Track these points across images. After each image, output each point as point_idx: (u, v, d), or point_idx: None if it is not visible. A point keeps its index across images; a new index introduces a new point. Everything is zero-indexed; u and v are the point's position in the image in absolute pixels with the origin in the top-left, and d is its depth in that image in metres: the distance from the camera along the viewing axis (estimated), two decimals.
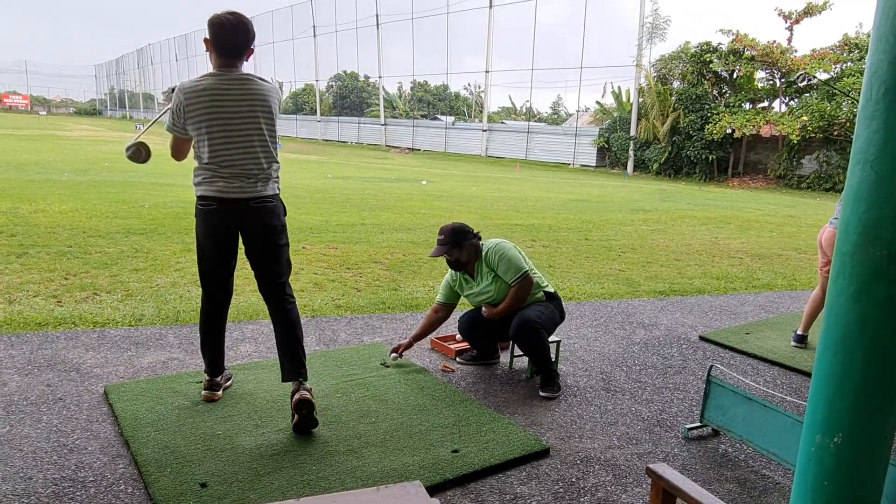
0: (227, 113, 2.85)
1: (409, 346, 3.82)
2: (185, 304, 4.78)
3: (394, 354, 3.78)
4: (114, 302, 4.74)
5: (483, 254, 3.68)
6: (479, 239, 3.73)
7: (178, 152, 3.02)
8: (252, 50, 2.93)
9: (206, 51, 2.90)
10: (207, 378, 3.23)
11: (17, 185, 10.96)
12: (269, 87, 2.94)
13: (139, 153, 3.18)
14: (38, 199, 9.24)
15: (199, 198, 2.97)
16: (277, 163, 3.03)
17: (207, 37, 2.87)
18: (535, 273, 3.71)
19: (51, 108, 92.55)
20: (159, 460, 2.63)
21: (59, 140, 27.87)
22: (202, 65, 62.75)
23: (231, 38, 2.85)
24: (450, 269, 3.84)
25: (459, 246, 3.64)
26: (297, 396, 2.89)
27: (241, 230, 3.02)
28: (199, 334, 3.27)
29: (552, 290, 3.80)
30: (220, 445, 2.77)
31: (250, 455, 2.71)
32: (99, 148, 23.69)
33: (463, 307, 4.18)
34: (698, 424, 3.16)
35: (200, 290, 5.13)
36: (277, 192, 3.05)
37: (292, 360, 3.04)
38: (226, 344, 3.33)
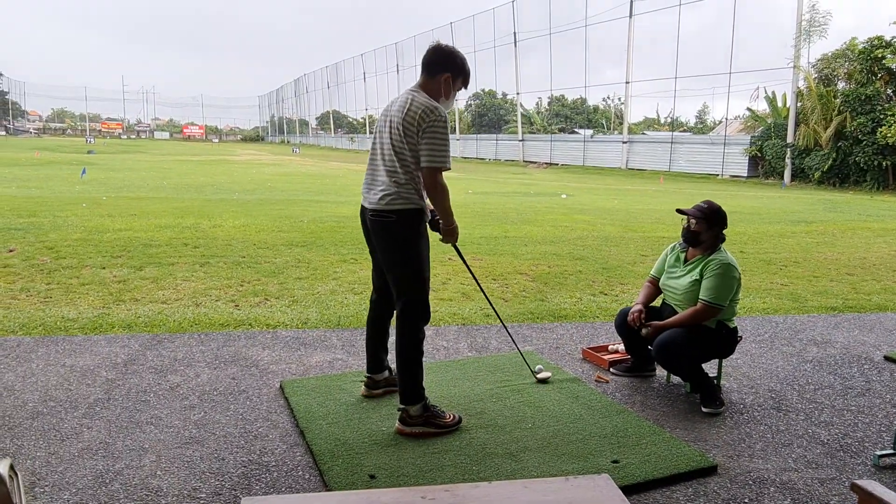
0: (380, 124, 3.05)
1: (641, 311, 3.64)
2: (345, 309, 5.10)
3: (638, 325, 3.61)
4: (282, 307, 5.15)
5: (713, 256, 3.50)
6: (723, 241, 3.57)
7: None
8: (445, 74, 2.95)
9: None
10: (367, 375, 3.42)
11: (198, 203, 12.30)
12: (410, 100, 2.87)
13: None
14: (215, 216, 10.30)
15: None
16: (404, 176, 2.87)
17: None
18: (733, 305, 3.49)
19: (221, 135, 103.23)
20: (332, 451, 2.82)
21: (229, 164, 30.88)
22: (351, 91, 66.88)
23: (423, 59, 3.03)
24: (674, 243, 3.78)
25: (709, 223, 3.49)
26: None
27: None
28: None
29: (732, 326, 3.52)
30: (386, 441, 2.92)
31: (414, 452, 2.83)
32: (262, 170, 25.97)
33: (619, 303, 4.09)
34: (891, 451, 2.85)
35: (357, 297, 5.47)
36: (404, 207, 2.89)
37: (400, 384, 3.05)
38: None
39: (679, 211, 3.62)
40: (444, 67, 2.97)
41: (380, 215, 2.94)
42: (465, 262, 3.54)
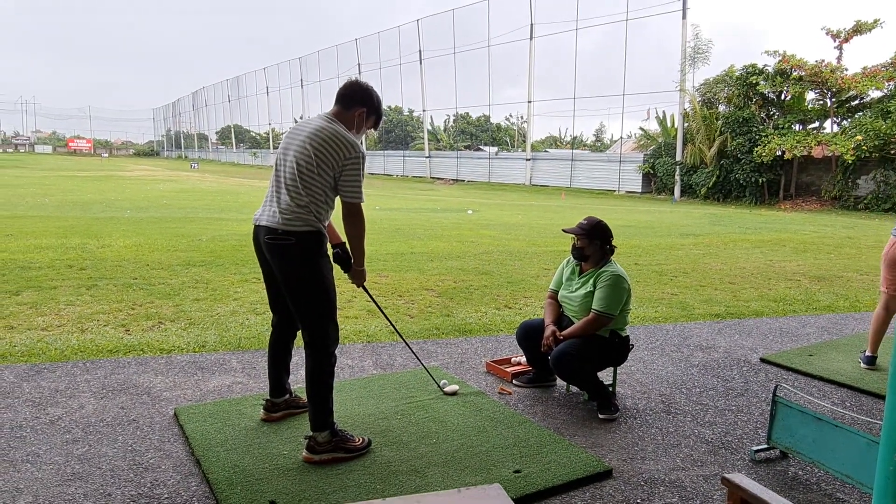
0: (285, 144, 3.01)
1: (553, 332, 3.70)
2: (246, 331, 4.93)
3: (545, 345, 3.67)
4: (178, 330, 4.92)
5: (604, 268, 3.69)
6: (612, 253, 3.76)
7: None
8: (360, 109, 3.00)
9: None
10: (266, 399, 3.33)
11: (84, 222, 11.53)
12: (328, 128, 2.88)
13: None
14: (104, 236, 9.70)
15: None
16: (306, 198, 2.84)
17: None
18: (624, 314, 3.66)
19: (112, 150, 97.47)
20: (230, 479, 2.71)
21: (121, 180, 29.21)
22: (253, 105, 65.26)
23: (339, 91, 3.06)
24: (568, 257, 3.94)
25: (590, 238, 3.70)
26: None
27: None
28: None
29: (624, 334, 3.70)
30: (287, 465, 2.85)
31: (316, 474, 2.77)
32: (157, 186, 24.72)
33: (522, 315, 4.19)
34: (765, 446, 3.08)
35: (258, 318, 5.31)
36: (302, 230, 2.84)
37: (309, 410, 2.99)
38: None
39: (564, 230, 3.83)
40: (361, 103, 3.02)
41: (277, 238, 2.86)
42: (372, 298, 3.62)
